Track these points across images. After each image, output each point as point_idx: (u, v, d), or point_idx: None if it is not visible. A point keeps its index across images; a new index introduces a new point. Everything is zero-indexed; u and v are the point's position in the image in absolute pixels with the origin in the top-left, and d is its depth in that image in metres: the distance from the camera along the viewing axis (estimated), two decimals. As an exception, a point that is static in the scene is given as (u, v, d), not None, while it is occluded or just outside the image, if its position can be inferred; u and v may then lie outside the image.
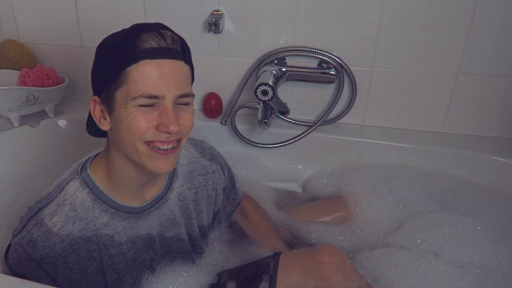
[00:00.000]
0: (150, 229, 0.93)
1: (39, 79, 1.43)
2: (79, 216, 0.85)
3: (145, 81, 0.76)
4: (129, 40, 0.77)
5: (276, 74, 1.34)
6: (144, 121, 0.77)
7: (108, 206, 0.87)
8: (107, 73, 0.79)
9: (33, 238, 0.82)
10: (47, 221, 0.83)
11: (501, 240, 1.14)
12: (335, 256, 0.94)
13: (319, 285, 0.92)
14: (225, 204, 1.12)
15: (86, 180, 0.87)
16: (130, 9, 1.44)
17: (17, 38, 1.57)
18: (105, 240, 0.88)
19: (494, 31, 1.27)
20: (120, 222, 0.89)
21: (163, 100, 0.77)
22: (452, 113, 1.40)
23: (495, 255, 1.11)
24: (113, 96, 0.79)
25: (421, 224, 1.18)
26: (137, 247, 0.93)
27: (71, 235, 0.84)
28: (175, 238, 0.98)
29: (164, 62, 0.77)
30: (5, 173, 1.35)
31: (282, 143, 1.43)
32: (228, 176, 1.10)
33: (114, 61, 0.78)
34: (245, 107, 1.44)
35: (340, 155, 1.42)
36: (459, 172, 1.34)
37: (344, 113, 1.44)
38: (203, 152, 1.03)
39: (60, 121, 1.50)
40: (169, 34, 0.79)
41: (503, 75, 1.32)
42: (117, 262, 0.90)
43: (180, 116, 0.80)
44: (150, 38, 0.77)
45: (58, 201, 0.85)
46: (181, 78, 0.79)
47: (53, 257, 0.83)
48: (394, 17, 1.29)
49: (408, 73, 1.36)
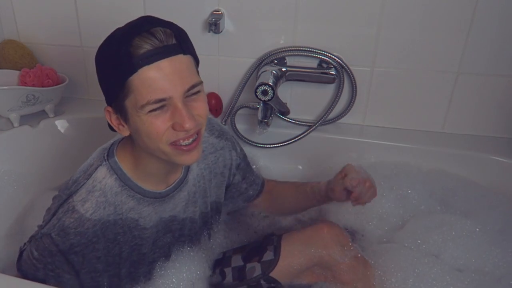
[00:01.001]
0: (171, 212, 0.96)
1: (39, 79, 1.43)
2: (108, 201, 0.87)
3: (149, 88, 0.75)
4: (123, 49, 0.75)
5: (276, 74, 1.34)
6: (161, 124, 0.78)
7: (134, 192, 0.89)
8: (111, 85, 0.79)
9: (65, 225, 0.83)
10: (78, 207, 0.85)
11: (499, 241, 1.14)
12: (334, 228, 1.03)
13: (319, 251, 1.00)
14: (245, 187, 1.13)
15: (114, 167, 0.89)
16: (130, 9, 1.44)
17: (17, 38, 1.57)
18: (130, 223, 0.90)
19: (494, 31, 1.27)
20: (146, 207, 0.91)
21: (172, 100, 0.77)
22: (452, 113, 1.40)
23: (492, 256, 1.10)
24: (123, 106, 0.79)
25: (421, 225, 1.18)
26: (159, 231, 0.96)
27: (102, 219, 0.86)
28: (188, 219, 1.01)
29: (162, 63, 0.76)
30: (5, 173, 1.36)
31: (282, 143, 1.43)
32: (241, 154, 1.11)
33: (114, 74, 0.77)
34: (245, 107, 1.44)
35: (340, 155, 1.42)
36: (459, 172, 1.34)
37: (344, 113, 1.44)
38: (211, 130, 1.04)
39: (60, 121, 1.50)
40: (160, 30, 0.76)
41: (503, 75, 1.32)
42: (140, 245, 0.94)
43: (193, 107, 0.80)
44: (143, 41, 0.75)
45: (87, 188, 0.86)
46: (184, 72, 0.78)
47: (83, 244, 0.85)
48: (394, 17, 1.29)
49: (408, 73, 1.36)
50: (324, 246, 1.00)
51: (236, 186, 1.12)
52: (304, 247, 1.01)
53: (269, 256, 1.02)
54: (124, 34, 0.77)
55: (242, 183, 1.13)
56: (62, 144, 1.49)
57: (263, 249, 1.04)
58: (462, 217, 1.19)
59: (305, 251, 1.01)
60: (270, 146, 1.44)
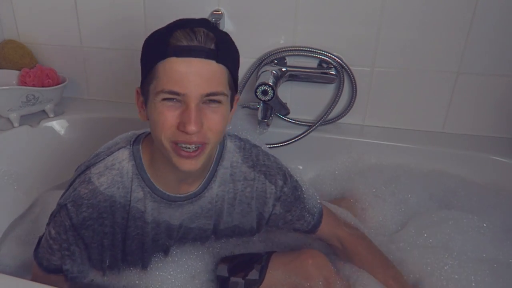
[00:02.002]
0: (177, 220, 0.96)
1: (39, 79, 1.43)
2: (123, 183, 0.89)
3: (169, 78, 0.77)
4: (163, 37, 0.78)
5: (276, 74, 1.34)
6: (169, 118, 0.78)
7: (145, 184, 0.91)
8: (144, 66, 0.83)
9: (79, 195, 0.87)
10: (94, 179, 0.88)
11: (503, 240, 1.14)
12: (319, 259, 1.01)
13: (302, 282, 0.98)
14: (290, 219, 1.05)
15: (135, 154, 0.91)
16: (130, 9, 1.44)
17: (17, 38, 1.57)
18: (135, 212, 0.92)
19: (494, 31, 1.27)
20: (151, 202, 0.92)
21: (186, 98, 0.77)
22: (452, 113, 1.40)
23: (502, 253, 1.11)
24: (147, 89, 0.82)
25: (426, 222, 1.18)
26: (160, 230, 0.96)
27: (113, 197, 0.89)
28: (197, 228, 1.00)
29: (191, 60, 0.76)
30: (5, 173, 1.35)
31: (282, 143, 1.43)
32: (286, 188, 1.02)
33: (148, 57, 0.81)
34: (245, 107, 1.44)
35: (340, 155, 1.42)
36: (459, 172, 1.33)
37: (344, 113, 1.44)
38: (246, 158, 0.99)
39: (60, 121, 1.50)
40: (203, 32, 0.77)
41: (503, 75, 1.32)
42: (140, 235, 0.95)
43: (206, 116, 0.79)
44: (182, 36, 0.77)
45: (106, 163, 0.89)
46: (209, 77, 0.77)
47: (94, 218, 0.89)
48: (394, 17, 1.29)
49: (408, 73, 1.36)
50: (307, 278, 0.98)
51: (279, 216, 1.04)
52: (288, 275, 1.00)
53: (254, 275, 1.01)
54: (172, 25, 0.80)
55: (287, 214, 1.05)
56: (62, 144, 1.49)
57: (250, 267, 1.03)
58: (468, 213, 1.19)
59: (288, 279, 0.99)
60: (270, 146, 1.44)
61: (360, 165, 1.39)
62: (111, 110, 1.55)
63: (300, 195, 1.05)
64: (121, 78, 1.58)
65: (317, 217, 1.08)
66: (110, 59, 1.54)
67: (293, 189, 1.04)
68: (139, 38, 1.48)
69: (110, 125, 1.48)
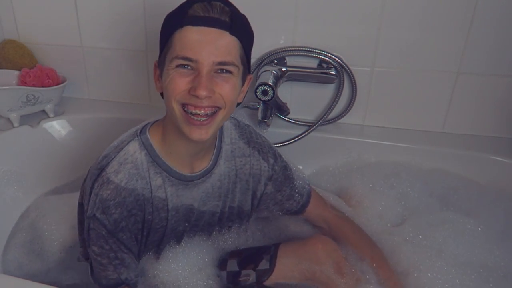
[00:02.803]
0: (193, 200, 0.97)
1: (39, 79, 1.43)
2: (140, 174, 0.90)
3: (184, 45, 0.80)
4: (182, 9, 0.82)
5: (276, 74, 1.34)
6: (180, 83, 0.81)
7: (161, 169, 0.91)
8: (162, 38, 0.86)
9: (103, 198, 0.86)
10: (113, 178, 0.87)
11: (501, 241, 1.14)
12: (328, 244, 1.03)
13: (312, 267, 1.00)
14: (280, 199, 1.10)
15: (145, 143, 0.91)
16: (130, 9, 1.44)
17: (17, 38, 1.57)
18: (158, 203, 0.93)
19: (494, 31, 1.27)
20: (170, 187, 0.93)
21: (198, 65, 0.80)
22: (452, 113, 1.40)
23: (494, 255, 1.11)
24: (164, 60, 0.85)
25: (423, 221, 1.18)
26: (179, 216, 0.97)
27: (135, 190, 0.89)
28: (208, 212, 1.01)
29: (205, 29, 0.80)
30: (5, 173, 1.36)
31: (282, 143, 1.43)
32: (277, 166, 1.07)
33: (166, 27, 0.85)
34: (245, 107, 1.44)
35: (340, 155, 1.42)
36: (459, 172, 1.33)
37: (344, 113, 1.44)
38: (242, 135, 1.04)
39: (60, 121, 1.50)
40: (219, 5, 0.81)
41: (503, 75, 1.32)
42: (163, 226, 0.96)
43: (217, 84, 0.82)
44: (200, 7, 0.81)
45: (119, 160, 0.89)
46: (222, 46, 0.81)
47: (125, 217, 0.88)
48: (394, 17, 1.29)
49: (408, 73, 1.36)
50: (317, 262, 1.00)
51: (270, 195, 1.09)
52: (298, 261, 1.02)
53: (265, 265, 1.03)
54: None
55: (277, 194, 1.09)
56: (62, 144, 1.49)
57: (259, 258, 1.05)
58: (464, 216, 1.19)
59: (298, 265, 1.01)
60: (270, 146, 1.44)
61: (360, 164, 1.39)
62: (111, 110, 1.55)
63: (289, 175, 1.10)
64: (121, 78, 1.58)
65: (306, 197, 1.12)
66: (110, 59, 1.54)
67: (283, 168, 1.08)
68: (139, 38, 1.49)
69: (110, 125, 1.48)
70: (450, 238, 1.13)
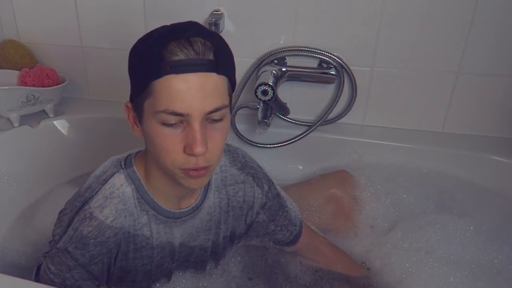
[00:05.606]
0: (178, 238, 0.91)
1: (39, 79, 1.43)
2: (128, 210, 0.83)
3: (169, 97, 0.70)
4: (156, 50, 0.70)
5: (276, 74, 1.34)
6: (174, 143, 0.73)
7: (149, 207, 0.85)
8: (136, 83, 0.76)
9: (83, 235, 0.78)
10: (97, 214, 0.79)
11: (495, 239, 1.14)
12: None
13: None
14: (273, 229, 1.03)
15: (132, 176, 0.84)
16: (130, 9, 1.44)
17: (17, 38, 1.57)
18: (141, 240, 0.86)
19: (494, 31, 1.27)
20: (157, 225, 0.87)
21: (189, 118, 0.71)
22: (452, 113, 1.40)
23: (486, 254, 1.11)
24: (142, 106, 0.75)
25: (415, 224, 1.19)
26: (164, 253, 0.91)
27: (123, 228, 0.82)
28: (198, 247, 0.96)
29: (191, 76, 0.70)
30: (5, 173, 1.35)
31: (282, 143, 1.43)
32: (270, 194, 1.01)
33: (141, 72, 0.74)
34: (245, 107, 1.44)
35: (340, 155, 1.42)
36: (459, 172, 1.34)
37: (344, 113, 1.44)
38: (234, 160, 0.97)
39: (60, 121, 1.50)
40: (200, 41, 0.71)
41: (503, 75, 1.32)
42: (145, 264, 0.89)
43: (209, 136, 0.74)
44: (178, 48, 0.70)
45: (104, 194, 0.81)
46: (211, 92, 0.72)
47: (104, 254, 0.81)
48: (394, 17, 1.29)
49: (408, 73, 1.36)
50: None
51: (262, 224, 1.02)
52: None
53: None
54: (163, 35, 0.72)
55: (270, 224, 1.02)
56: (62, 144, 1.49)
57: None
58: (457, 217, 1.19)
59: None
60: (270, 146, 1.44)
61: (360, 165, 1.39)
62: (111, 110, 1.54)
63: (283, 203, 1.04)
64: (121, 78, 1.57)
65: (299, 227, 1.05)
66: (110, 59, 1.54)
67: (277, 196, 1.02)
68: (139, 38, 1.49)
69: (110, 125, 1.48)
70: (441, 238, 1.13)
